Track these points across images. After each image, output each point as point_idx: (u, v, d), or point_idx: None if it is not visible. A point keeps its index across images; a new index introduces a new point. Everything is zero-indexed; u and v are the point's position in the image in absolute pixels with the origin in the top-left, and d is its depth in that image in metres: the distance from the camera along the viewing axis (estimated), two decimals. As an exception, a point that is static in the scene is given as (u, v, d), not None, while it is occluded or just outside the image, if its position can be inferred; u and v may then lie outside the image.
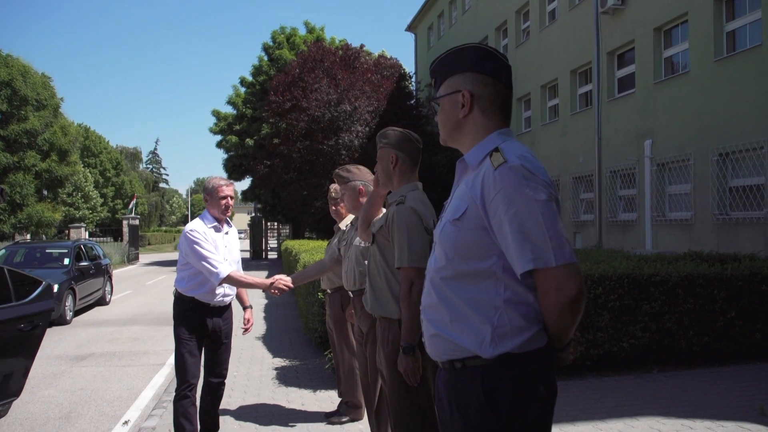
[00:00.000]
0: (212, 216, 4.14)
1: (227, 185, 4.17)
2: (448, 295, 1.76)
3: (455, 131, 1.88)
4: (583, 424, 4.56)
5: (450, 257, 1.75)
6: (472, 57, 1.84)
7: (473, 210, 1.71)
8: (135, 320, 11.30)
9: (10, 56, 27.26)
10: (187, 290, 4.03)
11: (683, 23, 12.48)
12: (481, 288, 1.70)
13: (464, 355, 1.72)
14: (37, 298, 4.72)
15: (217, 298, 4.10)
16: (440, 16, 27.27)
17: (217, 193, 4.11)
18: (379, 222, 3.12)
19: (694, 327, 6.05)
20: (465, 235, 1.72)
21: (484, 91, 1.83)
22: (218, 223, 4.13)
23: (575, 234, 16.35)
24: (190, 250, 3.96)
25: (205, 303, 4.05)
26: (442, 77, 1.90)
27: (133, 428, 5.03)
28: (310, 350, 7.67)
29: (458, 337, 1.73)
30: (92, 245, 14.92)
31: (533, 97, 18.84)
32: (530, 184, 1.63)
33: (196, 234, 3.96)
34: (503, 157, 1.68)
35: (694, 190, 11.85)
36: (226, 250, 4.13)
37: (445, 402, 1.80)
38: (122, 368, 7.31)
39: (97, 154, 52.62)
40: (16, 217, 27.03)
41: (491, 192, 1.66)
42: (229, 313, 4.28)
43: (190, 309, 4.04)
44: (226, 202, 4.12)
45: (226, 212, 4.15)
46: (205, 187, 4.24)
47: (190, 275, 4.02)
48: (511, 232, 1.62)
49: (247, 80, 29.12)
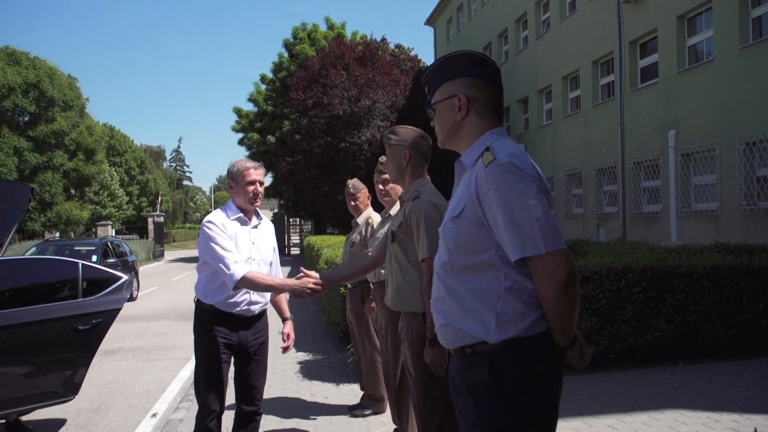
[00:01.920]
0: (237, 206, 3.45)
1: (255, 168, 3.45)
2: (454, 287, 1.88)
3: (453, 134, 2.00)
4: (607, 417, 4.54)
5: (452, 252, 1.88)
6: (465, 63, 1.97)
7: (470, 207, 1.84)
8: (161, 316, 11.49)
9: (37, 58, 27.81)
10: (207, 296, 3.36)
11: (707, 10, 12.27)
12: (483, 279, 1.82)
13: (473, 342, 1.85)
14: (107, 295, 4.55)
15: (242, 307, 3.37)
16: (459, 9, 27.13)
17: (243, 178, 3.40)
18: (398, 219, 3.13)
19: (721, 319, 5.98)
20: (464, 231, 1.85)
21: (479, 94, 1.95)
22: (244, 215, 3.43)
23: (599, 227, 16.19)
24: (205, 246, 3.29)
25: (227, 312, 3.35)
26: (436, 84, 2.01)
27: (161, 421, 5.13)
28: (333, 344, 7.73)
29: (466, 325, 1.85)
30: (119, 242, 15.19)
31: (554, 89, 18.67)
32: (518, 179, 1.76)
33: (213, 227, 3.29)
34: (493, 155, 1.81)
35: (720, 181, 11.66)
36: (254, 247, 3.42)
37: (459, 386, 1.92)
38: (150, 362, 7.46)
39: (122, 153, 53.35)
40: (45, 215, 27.60)
41: (484, 188, 1.79)
42: (263, 325, 3.55)
43: (210, 320, 3.36)
44: (254, 189, 3.41)
45: (254, 201, 3.43)
46: (229, 171, 3.50)
47: (208, 277, 3.36)
48: (504, 223, 1.74)
49: (268, 77, 29.29)
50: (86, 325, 4.38)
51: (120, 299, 4.64)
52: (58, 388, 4.38)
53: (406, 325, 3.07)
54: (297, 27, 29.04)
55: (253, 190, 3.41)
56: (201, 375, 3.38)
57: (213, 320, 3.34)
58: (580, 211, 17.47)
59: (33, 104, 26.60)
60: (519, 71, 20.84)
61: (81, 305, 4.42)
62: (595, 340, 5.71)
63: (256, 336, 3.46)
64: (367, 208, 5.01)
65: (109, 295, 4.57)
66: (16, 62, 27.08)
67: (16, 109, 26.71)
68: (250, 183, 3.40)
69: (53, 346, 4.36)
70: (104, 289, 4.57)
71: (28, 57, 27.53)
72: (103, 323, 4.48)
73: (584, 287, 5.70)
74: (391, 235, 3.17)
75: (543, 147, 19.20)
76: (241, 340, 3.40)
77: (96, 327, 4.44)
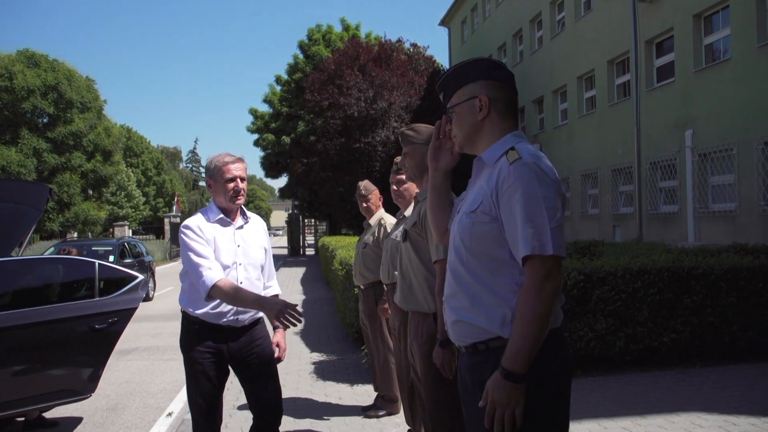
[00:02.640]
0: (218, 206, 3.08)
1: (235, 162, 3.04)
2: (467, 282, 1.91)
3: (473, 134, 2.01)
4: (622, 420, 4.51)
5: (467, 246, 1.91)
6: (485, 66, 2.02)
7: (487, 202, 1.88)
8: (177, 316, 11.49)
9: (56, 61, 28.17)
10: (191, 306, 3.04)
11: (724, 9, 12.14)
12: (498, 274, 1.86)
13: (487, 337, 1.87)
14: (123, 294, 4.59)
15: (229, 317, 3.01)
16: (474, 9, 27.06)
17: (221, 175, 3.01)
18: (412, 218, 3.14)
19: (738, 321, 5.91)
20: (480, 226, 1.88)
21: (499, 96, 1.99)
22: (226, 215, 3.07)
23: (615, 227, 16.07)
24: (182, 254, 2.98)
25: (214, 324, 3.01)
26: (454, 88, 2.04)
27: (176, 420, 5.17)
28: (347, 345, 7.74)
29: (480, 321, 1.87)
30: (135, 243, 15.34)
31: (569, 89, 18.57)
32: (541, 180, 1.81)
33: (187, 232, 2.97)
34: (518, 154, 1.85)
35: (738, 181, 11.53)
36: (240, 250, 3.07)
37: (469, 384, 1.95)
38: (165, 362, 7.52)
39: (139, 154, 53.84)
40: (63, 215, 27.93)
41: (505, 184, 1.83)
42: (260, 333, 3.17)
43: (197, 333, 3.03)
44: (235, 186, 3.02)
45: (236, 199, 3.04)
46: (206, 167, 3.11)
47: (191, 286, 3.01)
48: (521, 219, 1.78)
49: (283, 78, 29.41)
50: (103, 323, 4.43)
51: (136, 298, 4.69)
52: (76, 386, 4.44)
53: (416, 326, 3.06)
54: (312, 28, 29.14)
55: (234, 187, 3.02)
56: (191, 396, 3.06)
57: (200, 333, 3.02)
58: (595, 212, 17.35)
59: (52, 106, 26.94)
60: (534, 71, 20.75)
61: (98, 304, 4.47)
62: (611, 341, 5.67)
63: (252, 346, 3.09)
64: (379, 209, 5.02)
65: (125, 294, 4.62)
66: (35, 64, 27.45)
67: (35, 110, 27.08)
68: (230, 180, 3.01)
69: (71, 344, 4.41)
70: (120, 288, 4.62)
71: (47, 59, 27.89)
72: (119, 322, 4.54)
73: (600, 288, 5.66)
74: (403, 233, 3.17)
75: (558, 147, 19.10)
76: (234, 353, 3.05)
77: (112, 326, 4.49)
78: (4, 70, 25.73)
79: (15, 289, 4.45)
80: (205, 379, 3.02)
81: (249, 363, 3.08)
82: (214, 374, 3.04)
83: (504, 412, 1.76)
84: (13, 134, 26.52)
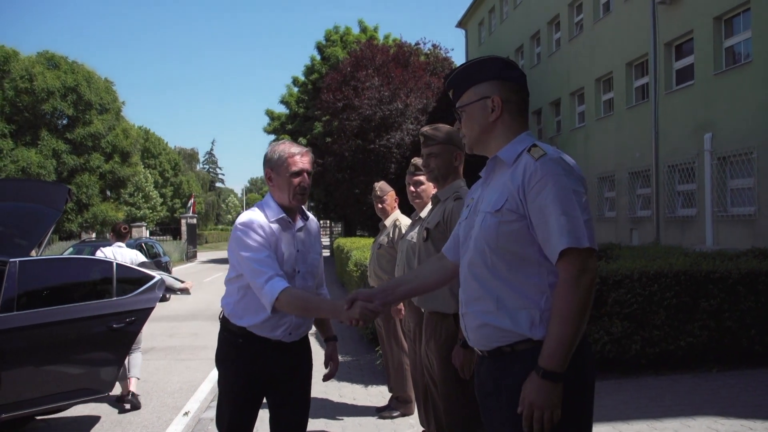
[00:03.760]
0: (278, 204, 2.67)
1: (302, 154, 2.65)
2: (493, 285, 1.85)
3: (484, 135, 1.98)
4: (638, 423, 4.48)
5: (493, 247, 1.85)
6: (497, 66, 1.98)
7: (513, 200, 1.83)
8: (194, 316, 11.67)
9: (75, 63, 28.49)
10: (236, 315, 2.65)
11: (745, 11, 11.99)
12: (526, 274, 1.82)
13: (514, 340, 1.82)
14: (140, 294, 4.63)
15: (280, 331, 2.63)
16: (491, 11, 26.99)
17: (287, 167, 2.61)
18: (436, 218, 3.12)
19: (757, 326, 5.84)
20: (507, 225, 1.83)
21: (512, 96, 1.96)
22: (288, 215, 2.66)
23: (632, 230, 15.94)
24: (238, 256, 2.57)
25: (262, 337, 2.63)
26: (464, 87, 1.99)
27: (192, 419, 5.22)
28: (362, 346, 7.76)
29: (507, 323, 1.83)
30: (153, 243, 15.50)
31: (587, 91, 18.45)
32: (569, 175, 1.80)
33: (248, 232, 2.56)
34: (543, 150, 1.83)
35: (757, 184, 11.38)
36: (299, 255, 2.69)
37: (490, 388, 1.89)
38: (182, 362, 7.58)
39: (157, 156, 54.29)
40: (82, 216, 28.23)
41: (533, 179, 1.79)
42: (305, 351, 2.83)
43: (238, 347, 2.64)
44: (300, 181, 2.63)
45: (301, 197, 2.65)
46: (268, 158, 2.68)
47: (240, 292, 2.64)
48: (554, 213, 1.75)
49: (300, 80, 29.56)
50: (120, 323, 4.48)
51: (153, 298, 4.73)
52: (94, 384, 4.49)
53: (434, 327, 3.05)
54: (330, 29, 29.23)
55: (300, 182, 2.62)
56: (223, 414, 2.69)
57: (242, 347, 2.63)
58: (612, 215, 17.22)
59: (71, 107, 27.25)
60: (551, 73, 20.65)
61: (115, 304, 4.53)
62: (627, 345, 5.64)
63: (299, 363, 2.76)
64: (395, 210, 5.03)
65: (143, 294, 4.67)
66: (55, 66, 27.79)
67: (54, 112, 27.40)
68: (296, 174, 2.61)
69: (89, 343, 4.47)
70: (138, 288, 4.67)
71: (67, 61, 28.22)
72: (136, 322, 4.59)
73: (616, 291, 5.63)
74: (425, 233, 3.16)
75: (575, 149, 18.97)
76: (276, 373, 2.67)
77: (130, 325, 4.54)
78: (25, 71, 26.07)
79: (34, 288, 4.51)
80: (243, 400, 2.65)
81: (289, 387, 2.72)
82: (253, 396, 2.68)
83: (542, 414, 1.71)
84: (33, 136, 26.86)
